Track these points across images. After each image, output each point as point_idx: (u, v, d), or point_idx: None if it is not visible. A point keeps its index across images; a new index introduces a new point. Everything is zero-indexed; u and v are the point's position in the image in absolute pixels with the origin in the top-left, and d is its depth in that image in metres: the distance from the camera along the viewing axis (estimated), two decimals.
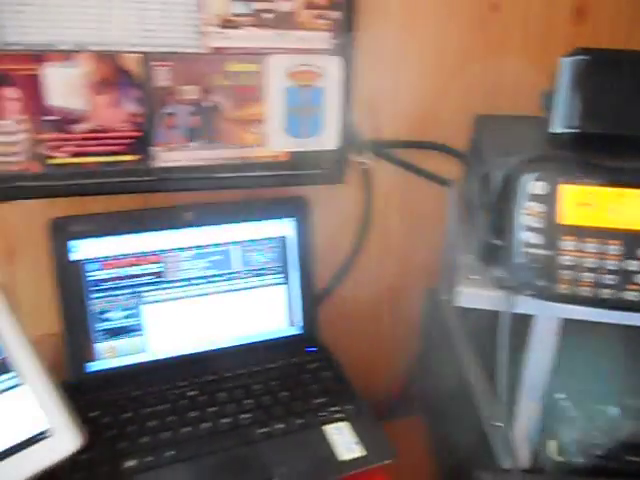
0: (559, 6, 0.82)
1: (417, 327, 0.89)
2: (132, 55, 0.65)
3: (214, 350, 0.72)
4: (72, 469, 0.55)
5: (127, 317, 0.68)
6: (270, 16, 0.68)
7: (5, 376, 0.55)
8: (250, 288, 0.73)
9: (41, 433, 0.53)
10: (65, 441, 0.53)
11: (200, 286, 0.71)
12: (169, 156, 0.70)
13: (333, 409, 0.65)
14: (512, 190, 0.53)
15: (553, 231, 0.52)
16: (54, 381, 0.56)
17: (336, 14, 0.70)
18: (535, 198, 0.52)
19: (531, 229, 0.52)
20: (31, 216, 0.70)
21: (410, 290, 0.89)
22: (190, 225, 0.70)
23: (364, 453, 0.61)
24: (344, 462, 0.59)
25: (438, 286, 0.84)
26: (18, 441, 0.52)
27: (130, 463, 0.57)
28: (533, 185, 0.52)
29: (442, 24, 0.80)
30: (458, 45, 0.81)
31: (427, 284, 0.89)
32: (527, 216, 0.52)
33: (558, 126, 0.60)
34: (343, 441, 0.61)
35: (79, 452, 0.54)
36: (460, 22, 0.80)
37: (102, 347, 0.67)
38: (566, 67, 0.59)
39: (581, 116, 0.58)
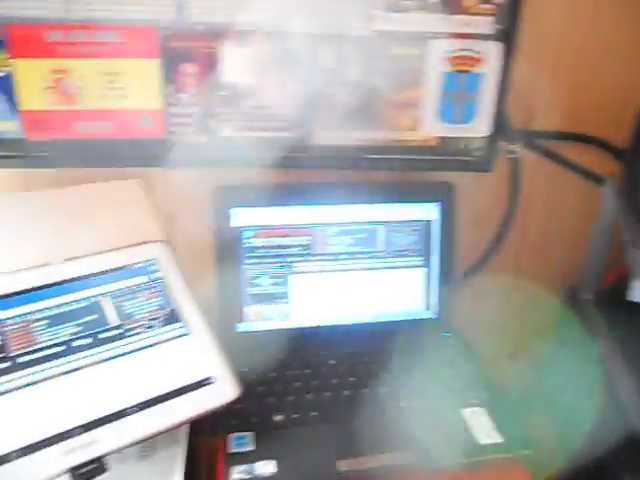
0: None
1: (550, 325, 0.87)
2: (301, 36, 0.68)
3: (352, 324, 0.75)
4: (228, 416, 0.60)
5: (275, 285, 0.72)
6: (436, 0, 0.68)
7: (174, 325, 0.61)
8: (390, 268, 0.75)
9: (204, 380, 0.58)
10: (225, 389, 0.57)
11: (344, 262, 0.74)
12: (326, 135, 0.73)
13: (470, 394, 0.66)
14: None
15: None
16: (215, 334, 0.61)
17: None
18: None
19: None
20: (195, 184, 0.75)
21: (547, 287, 0.87)
22: (340, 202, 0.73)
23: (502, 440, 0.60)
24: (483, 446, 0.59)
25: (579, 285, 0.82)
26: (183, 384, 0.57)
27: (278, 417, 0.61)
28: None
29: (604, 11, 0.76)
30: (620, 34, 0.77)
31: (564, 282, 0.86)
32: None
33: None
34: (481, 426, 0.62)
35: (233, 402, 0.58)
36: (621, 10, 0.76)
37: (250, 310, 0.72)
38: None
39: None
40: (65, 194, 0.69)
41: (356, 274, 0.74)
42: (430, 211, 0.75)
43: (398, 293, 0.76)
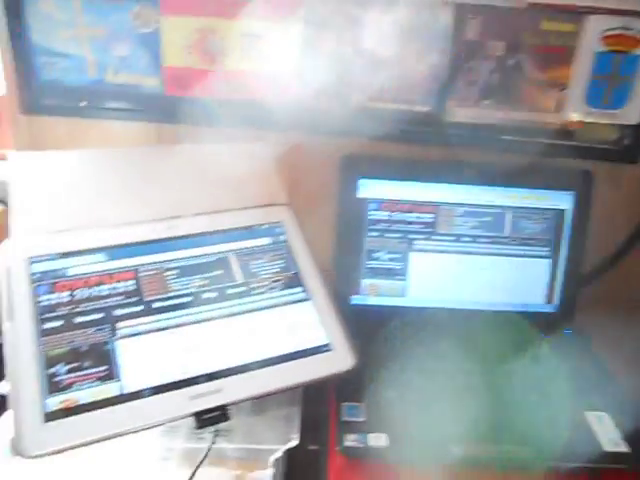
0: None
1: None
2: (446, 6, 0.66)
3: (468, 309, 0.72)
4: (340, 385, 0.60)
5: (394, 260, 0.71)
6: None
7: (296, 289, 0.61)
8: (514, 256, 0.71)
9: (322, 346, 0.58)
10: (342, 358, 0.57)
11: (467, 244, 0.71)
12: (461, 112, 0.70)
13: (594, 397, 0.61)
14: None
15: None
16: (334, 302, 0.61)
17: None
18: None
19: None
20: (322, 152, 0.74)
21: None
22: (468, 183, 0.70)
23: (628, 450, 0.56)
24: (608, 453, 0.55)
25: None
26: (303, 348, 0.57)
27: (390, 392, 0.60)
28: None
29: None
30: None
31: None
32: None
33: None
34: (606, 432, 0.58)
35: (349, 372, 0.58)
36: None
37: (367, 284, 0.72)
38: None
39: None
40: (196, 151, 0.71)
41: (478, 258, 0.71)
42: (564, 200, 0.71)
43: (520, 283, 0.72)
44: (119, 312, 0.54)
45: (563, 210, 0.71)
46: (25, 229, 0.58)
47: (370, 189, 0.70)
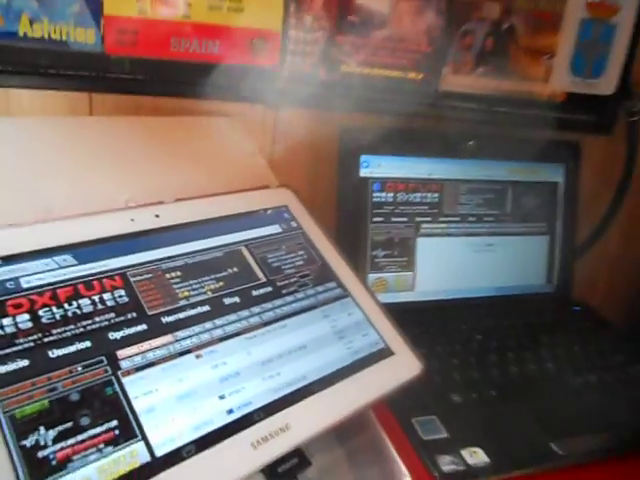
0: None
1: None
2: None
3: (480, 297, 0.65)
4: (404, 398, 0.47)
5: (399, 251, 0.61)
6: None
7: (329, 284, 0.48)
8: (515, 235, 0.66)
9: (381, 350, 0.45)
10: (407, 362, 0.45)
11: (472, 224, 0.64)
12: (454, 79, 0.64)
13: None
14: None
15: None
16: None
17: None
18: None
19: None
20: (307, 126, 0.62)
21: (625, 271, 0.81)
22: (467, 157, 0.64)
23: None
24: None
25: None
26: (359, 357, 0.44)
27: (456, 398, 0.49)
28: None
29: None
30: None
31: None
32: None
33: None
34: None
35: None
36: None
37: (373, 279, 0.60)
38: None
39: None
40: (155, 124, 0.54)
41: (483, 240, 0.65)
42: (557, 173, 0.68)
43: (521, 262, 0.67)
44: (115, 335, 0.36)
45: (557, 183, 0.68)
46: None
47: (373, 167, 0.59)
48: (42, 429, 0.31)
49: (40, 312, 0.35)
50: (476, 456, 0.43)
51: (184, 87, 0.57)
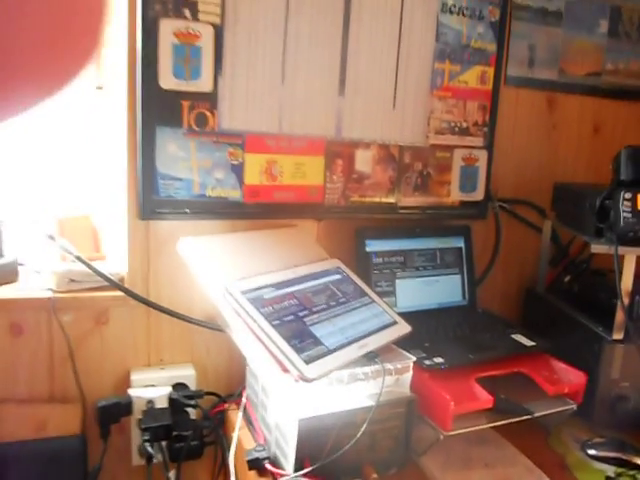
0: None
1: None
2: (394, 146, 1.25)
3: (434, 309, 1.26)
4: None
5: (387, 286, 1.22)
6: (457, 129, 1.30)
7: (365, 298, 1.07)
8: (444, 274, 1.29)
9: (391, 323, 1.04)
10: (402, 326, 1.04)
11: (422, 271, 1.26)
12: (404, 199, 1.28)
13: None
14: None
15: None
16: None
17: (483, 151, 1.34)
18: None
19: None
20: (338, 228, 1.24)
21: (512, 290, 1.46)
22: (418, 236, 1.27)
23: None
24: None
25: (536, 288, 1.42)
26: (385, 323, 1.03)
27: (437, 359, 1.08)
28: None
29: (521, 133, 1.45)
30: (535, 141, 1.46)
31: (523, 287, 1.46)
32: None
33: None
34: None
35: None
36: (534, 132, 1.46)
37: None
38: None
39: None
40: (268, 232, 1.13)
41: (429, 279, 1.26)
42: (459, 242, 1.32)
43: (443, 290, 1.29)
44: (300, 314, 0.94)
45: (461, 247, 1.32)
46: (224, 278, 0.94)
47: (371, 246, 1.21)
48: (288, 338, 0.88)
49: (273, 306, 0.92)
50: (436, 360, 1.02)
51: (277, 214, 1.17)
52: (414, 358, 0.95)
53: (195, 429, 1.09)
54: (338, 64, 1.17)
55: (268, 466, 0.88)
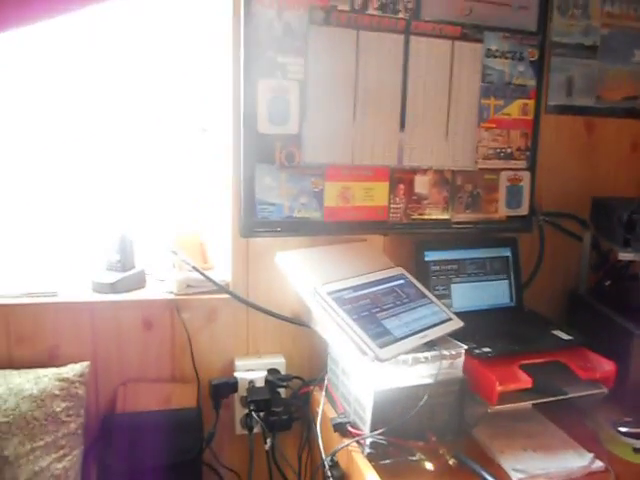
0: None
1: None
2: (448, 171, 1.48)
3: (483, 309, 1.47)
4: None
5: (444, 289, 1.44)
6: (502, 154, 1.52)
7: (424, 300, 1.30)
8: (494, 280, 1.50)
9: (447, 319, 1.26)
10: (455, 322, 1.26)
11: (475, 276, 1.47)
12: (457, 215, 1.50)
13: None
14: None
15: None
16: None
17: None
18: None
19: None
20: (400, 241, 1.47)
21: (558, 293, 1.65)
22: (469, 247, 1.48)
23: None
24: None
25: (579, 291, 1.61)
26: (443, 319, 1.25)
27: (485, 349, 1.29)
28: None
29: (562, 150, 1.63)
30: (572, 156, 1.64)
31: (567, 290, 1.64)
32: None
33: None
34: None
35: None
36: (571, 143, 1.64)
37: None
38: None
39: None
40: (344, 246, 1.38)
41: (481, 284, 1.48)
42: (507, 251, 1.53)
43: (493, 292, 1.50)
44: (373, 310, 1.18)
45: (508, 256, 1.52)
46: (314, 282, 1.19)
47: (430, 255, 1.43)
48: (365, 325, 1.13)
49: (353, 305, 1.17)
50: (484, 350, 1.23)
51: (350, 230, 1.42)
52: (466, 347, 1.17)
53: (286, 406, 1.36)
54: (399, 105, 1.41)
55: (350, 428, 1.12)
